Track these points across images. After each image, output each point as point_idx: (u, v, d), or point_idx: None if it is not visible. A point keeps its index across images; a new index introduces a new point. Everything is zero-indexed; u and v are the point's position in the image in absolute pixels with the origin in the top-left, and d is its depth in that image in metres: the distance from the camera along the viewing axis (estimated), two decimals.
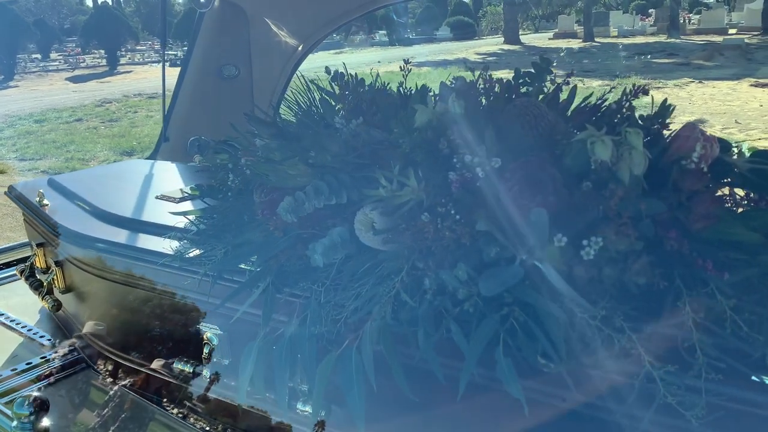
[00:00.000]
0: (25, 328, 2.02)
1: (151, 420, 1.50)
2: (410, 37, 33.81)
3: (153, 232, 1.54)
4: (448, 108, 1.10)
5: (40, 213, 1.78)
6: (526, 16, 35.38)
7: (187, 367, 1.42)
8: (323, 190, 1.09)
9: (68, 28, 39.19)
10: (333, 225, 1.17)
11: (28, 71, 23.82)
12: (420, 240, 1.03)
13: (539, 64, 1.29)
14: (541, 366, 0.91)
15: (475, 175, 0.99)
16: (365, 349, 0.99)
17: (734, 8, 32.02)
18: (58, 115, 13.65)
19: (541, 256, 0.95)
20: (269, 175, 1.25)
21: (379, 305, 1.05)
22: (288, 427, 1.27)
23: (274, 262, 1.21)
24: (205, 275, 1.30)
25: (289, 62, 2.54)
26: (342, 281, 1.15)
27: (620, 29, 28.48)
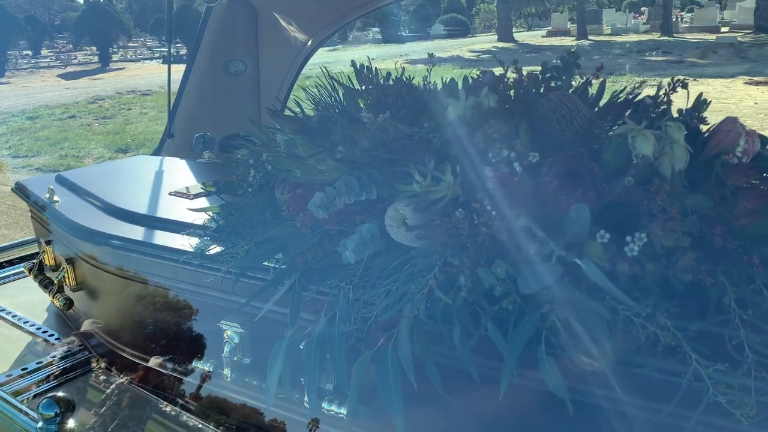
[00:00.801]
0: (33, 326, 1.98)
1: (168, 420, 1.47)
2: (404, 34, 33.77)
3: (169, 228, 1.52)
4: (481, 102, 1.08)
5: (51, 210, 1.75)
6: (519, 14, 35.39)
7: (207, 365, 1.40)
8: (354, 186, 1.07)
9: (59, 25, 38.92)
10: (361, 221, 1.15)
11: (19, 68, 23.63)
12: (454, 236, 1.01)
13: (567, 58, 1.27)
14: (585, 365, 0.90)
15: (513, 170, 0.98)
16: (402, 348, 0.97)
17: (726, 6, 32.19)
18: (50, 112, 13.54)
19: (583, 252, 0.93)
20: (295, 170, 1.22)
21: (411, 303, 1.04)
22: (314, 425, 1.25)
23: (300, 259, 1.18)
24: (228, 273, 1.28)
25: (298, 57, 2.52)
26: (370, 278, 1.13)
27: (613, 27, 28.57)
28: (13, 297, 2.21)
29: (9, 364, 1.78)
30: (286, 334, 1.20)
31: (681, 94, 1.11)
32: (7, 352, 1.85)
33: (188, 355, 1.45)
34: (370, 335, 1.08)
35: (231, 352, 1.35)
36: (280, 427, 1.33)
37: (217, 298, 1.38)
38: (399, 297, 1.06)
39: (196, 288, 1.41)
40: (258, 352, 1.34)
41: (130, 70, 22.73)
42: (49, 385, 1.68)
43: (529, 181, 0.97)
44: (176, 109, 2.64)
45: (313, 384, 1.11)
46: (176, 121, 2.65)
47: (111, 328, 1.68)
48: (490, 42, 27.81)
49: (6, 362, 1.79)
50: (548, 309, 0.93)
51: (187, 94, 2.59)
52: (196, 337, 1.46)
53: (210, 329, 1.39)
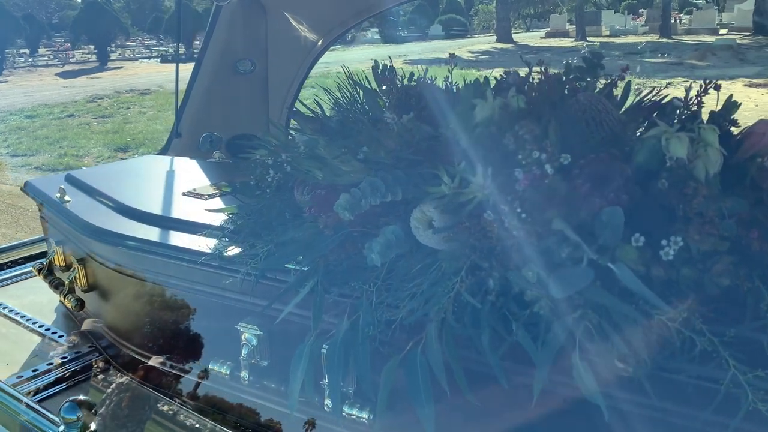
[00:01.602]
0: (42, 327, 1.97)
1: (182, 423, 1.45)
2: (402, 34, 33.77)
3: (184, 229, 1.50)
4: (509, 103, 1.07)
5: (62, 210, 1.73)
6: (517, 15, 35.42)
7: (224, 368, 1.38)
8: (379, 187, 1.06)
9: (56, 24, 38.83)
10: (385, 223, 1.14)
11: (17, 66, 23.55)
12: (483, 239, 0.99)
13: (590, 59, 1.26)
14: (619, 370, 0.88)
15: (544, 172, 0.96)
16: (432, 352, 0.95)
17: (724, 9, 32.26)
18: (49, 111, 13.49)
19: (616, 256, 0.92)
20: (316, 171, 1.21)
21: (438, 307, 1.02)
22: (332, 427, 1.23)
23: (322, 261, 1.17)
24: (247, 274, 1.26)
25: (307, 58, 2.50)
26: (394, 281, 1.12)
27: (612, 28, 28.61)
28: (21, 297, 2.19)
29: (19, 365, 1.77)
30: (306, 336, 1.18)
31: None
32: (16, 353, 1.83)
33: (204, 357, 1.43)
34: (395, 339, 1.07)
35: (249, 354, 1.34)
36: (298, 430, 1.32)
37: (235, 300, 1.37)
38: (425, 300, 1.05)
39: (213, 289, 1.39)
40: (276, 355, 1.33)
41: (129, 69, 22.68)
42: (62, 386, 1.66)
43: (561, 183, 0.96)
44: (183, 109, 2.62)
45: (336, 388, 1.09)
46: (183, 120, 2.63)
47: (123, 330, 1.66)
48: (489, 43, 27.83)
49: (16, 363, 1.78)
50: (581, 314, 0.92)
51: (195, 94, 2.57)
52: (211, 340, 1.44)
53: (227, 331, 1.37)
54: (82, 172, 2.05)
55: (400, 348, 1.07)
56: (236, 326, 1.35)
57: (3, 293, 2.23)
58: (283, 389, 1.31)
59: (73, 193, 1.84)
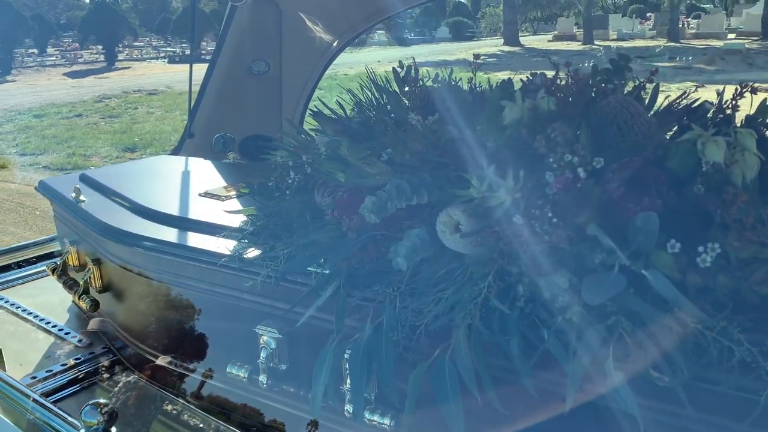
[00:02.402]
0: (55, 327, 1.95)
1: (198, 427, 1.44)
2: (409, 37, 33.78)
3: (201, 230, 1.49)
4: (538, 105, 1.05)
5: (77, 209, 1.72)
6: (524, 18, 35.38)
7: (242, 372, 1.37)
8: (405, 190, 1.04)
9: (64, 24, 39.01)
10: (408, 226, 1.12)
11: (26, 66, 23.65)
12: (513, 244, 0.97)
13: (618, 60, 1.24)
14: (654, 380, 0.86)
15: (576, 175, 0.94)
16: (461, 359, 0.93)
17: (732, 13, 32.14)
18: (57, 111, 13.53)
19: (651, 263, 0.90)
20: (338, 173, 1.19)
21: (464, 312, 1.00)
22: None
23: (344, 264, 1.15)
24: (267, 277, 1.25)
25: (322, 59, 2.49)
26: (418, 285, 1.10)
27: (619, 32, 28.54)
28: (33, 297, 2.18)
29: (32, 366, 1.75)
30: (328, 340, 1.17)
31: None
32: (29, 354, 1.82)
33: (221, 360, 1.42)
34: (419, 344, 1.05)
35: (267, 357, 1.32)
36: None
37: (253, 302, 1.35)
38: (450, 306, 1.03)
39: (231, 291, 1.38)
40: (295, 359, 1.31)
41: (136, 70, 22.74)
42: (76, 388, 1.65)
43: (594, 187, 0.94)
44: (197, 109, 2.61)
45: (359, 393, 1.08)
46: (197, 120, 2.62)
47: (138, 331, 1.65)
48: (496, 46, 27.79)
49: (29, 364, 1.77)
50: (614, 321, 0.90)
51: (208, 94, 2.56)
52: (229, 343, 1.43)
53: (245, 334, 1.36)
54: (96, 171, 2.04)
55: (425, 354, 1.06)
56: (254, 329, 1.33)
57: (16, 292, 2.22)
58: (303, 393, 1.29)
59: (87, 193, 1.83)
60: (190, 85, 2.61)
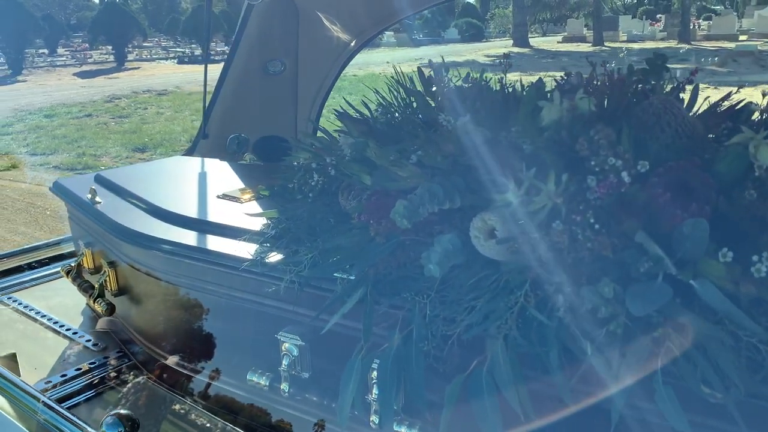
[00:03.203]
0: (69, 331, 1.92)
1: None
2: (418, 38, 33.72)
3: (221, 233, 1.45)
4: (577, 105, 1.00)
5: (93, 211, 1.69)
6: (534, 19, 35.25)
7: (262, 379, 1.33)
8: (437, 194, 1.00)
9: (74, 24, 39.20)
10: (439, 231, 1.08)
11: (36, 66, 23.75)
12: (552, 251, 0.93)
13: (655, 60, 1.20)
14: (706, 396, 0.82)
15: (621, 180, 0.90)
16: (500, 372, 0.89)
17: (743, 15, 31.93)
18: (67, 111, 13.56)
19: (700, 272, 0.85)
20: (364, 176, 1.15)
21: (500, 322, 0.96)
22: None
23: (371, 270, 1.11)
24: (291, 282, 1.21)
25: (339, 59, 2.45)
26: (449, 293, 1.06)
27: (629, 34, 28.39)
28: (47, 299, 2.15)
29: (47, 370, 1.72)
30: (355, 349, 1.13)
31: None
32: (44, 357, 1.79)
33: (241, 367, 1.38)
34: (453, 355, 1.01)
35: (290, 365, 1.28)
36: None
37: (275, 308, 1.31)
38: (484, 315, 0.99)
39: (252, 296, 1.34)
40: (319, 367, 1.27)
41: (146, 70, 22.79)
42: (91, 393, 1.62)
43: (639, 192, 0.90)
44: (211, 109, 2.57)
45: (388, 405, 1.03)
46: (211, 121, 2.59)
47: (155, 336, 1.61)
48: (506, 47, 27.69)
49: (44, 368, 1.73)
50: (661, 333, 0.85)
51: (223, 94, 2.52)
52: (249, 349, 1.39)
53: (266, 341, 1.32)
54: (111, 172, 2.01)
55: (457, 365, 1.02)
56: (276, 336, 1.29)
57: (29, 294, 2.20)
58: (326, 403, 1.26)
59: (103, 194, 1.80)
60: (205, 86, 2.58)
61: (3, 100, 14.93)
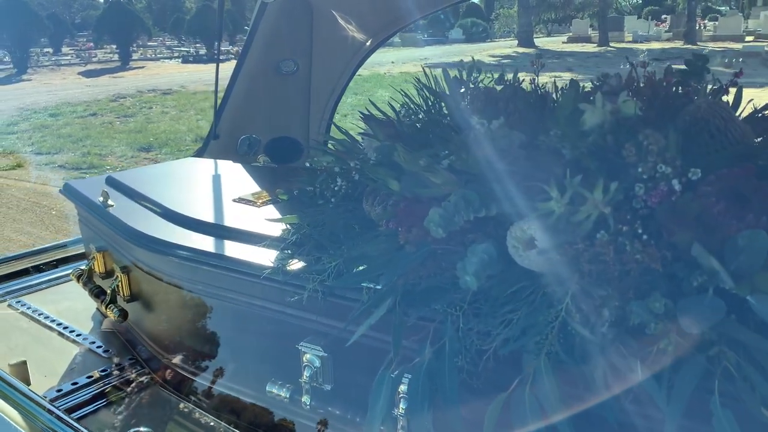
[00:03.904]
0: (79, 336, 1.88)
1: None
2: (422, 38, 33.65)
3: (238, 238, 1.41)
4: (620, 108, 0.95)
5: (106, 215, 1.64)
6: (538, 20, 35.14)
7: (282, 391, 1.28)
8: (473, 201, 0.95)
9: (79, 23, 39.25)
10: (472, 240, 1.03)
11: (41, 65, 23.77)
12: (596, 262, 0.88)
13: (695, 61, 1.15)
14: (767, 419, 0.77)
15: (671, 188, 0.85)
16: (545, 391, 0.84)
17: (749, 16, 31.78)
18: (72, 110, 13.53)
19: (757, 286, 0.80)
20: (393, 181, 1.10)
21: (540, 337, 0.91)
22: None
23: (401, 280, 1.06)
24: (314, 291, 1.16)
25: (353, 59, 2.40)
26: (483, 305, 1.01)
27: (635, 34, 28.27)
28: (56, 303, 2.11)
29: (57, 377, 1.68)
30: (382, 362, 1.08)
31: None
32: (54, 364, 1.74)
33: (260, 378, 1.33)
34: (489, 371, 0.97)
35: (311, 377, 1.23)
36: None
37: (295, 318, 1.26)
38: (522, 329, 0.94)
39: (271, 305, 1.30)
40: (342, 379, 1.23)
41: (150, 69, 22.76)
42: (102, 402, 1.57)
43: (690, 202, 0.85)
44: (222, 110, 2.53)
45: (420, 423, 0.99)
46: (222, 121, 2.54)
47: (169, 344, 1.57)
48: (511, 47, 27.64)
49: (54, 375, 1.69)
50: (717, 352, 0.80)
51: (235, 94, 2.48)
52: (269, 360, 1.34)
53: (286, 351, 1.27)
54: (123, 174, 1.97)
55: (493, 382, 0.97)
56: (297, 346, 1.24)
57: (38, 298, 2.15)
58: (350, 417, 1.21)
59: (115, 197, 1.76)
60: (216, 86, 2.53)
61: (8, 99, 14.92)
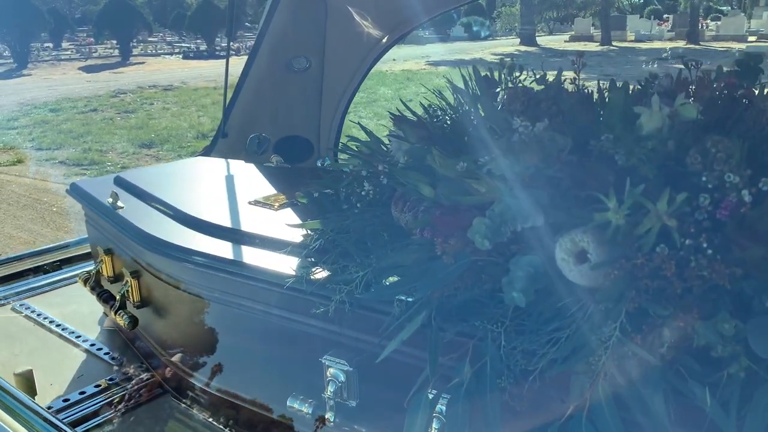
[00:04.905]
0: (86, 342, 1.81)
1: None
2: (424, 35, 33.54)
3: (257, 244, 1.34)
4: (679, 112, 0.89)
5: (115, 217, 1.57)
6: (540, 18, 35.02)
7: (305, 407, 1.21)
8: (521, 210, 0.88)
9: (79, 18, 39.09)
10: (514, 252, 0.96)
11: (41, 60, 23.64)
12: (657, 278, 0.82)
13: (747, 60, 1.08)
14: None
15: (741, 199, 0.78)
16: (604, 421, 0.78)
17: (751, 16, 31.69)
18: (72, 105, 13.44)
19: None
20: (428, 186, 1.04)
21: (592, 358, 0.85)
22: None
23: (438, 293, 1.00)
24: (341, 302, 1.09)
25: (368, 56, 2.33)
26: (527, 322, 0.94)
27: (637, 33, 28.19)
28: (62, 306, 2.04)
29: (64, 386, 1.61)
30: (407, 376, 1.02)
31: None
32: (61, 371, 1.68)
33: (280, 392, 1.26)
34: (534, 392, 0.90)
35: (335, 392, 1.17)
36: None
37: (319, 329, 1.20)
38: (572, 349, 0.87)
39: (292, 315, 1.23)
40: (368, 395, 1.16)
41: (151, 65, 22.64)
42: (110, 413, 1.50)
43: (764, 214, 0.78)
44: (232, 108, 2.46)
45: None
46: (231, 119, 2.47)
47: (181, 353, 1.50)
48: (513, 45, 27.55)
49: (60, 383, 1.63)
50: None
51: (245, 92, 2.40)
52: (289, 373, 1.28)
53: (308, 364, 1.20)
54: (132, 174, 1.90)
55: (538, 405, 0.90)
56: (320, 359, 1.18)
57: (42, 301, 2.09)
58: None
59: (124, 198, 1.69)
60: (226, 83, 2.46)
61: (8, 94, 14.82)
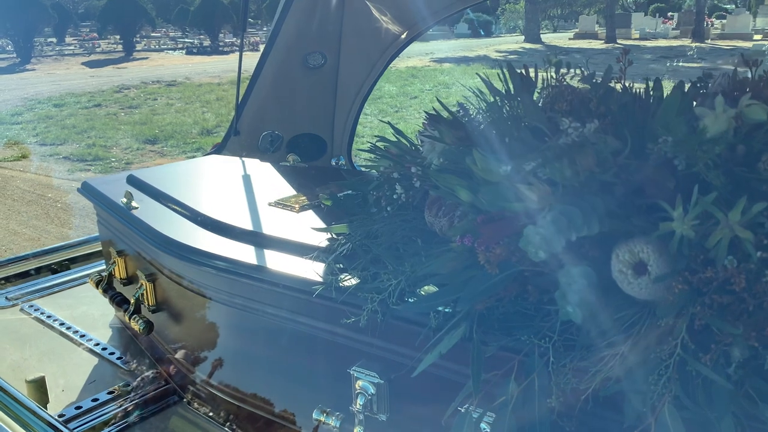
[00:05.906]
0: (98, 346, 1.76)
1: None
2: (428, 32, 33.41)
3: (279, 247, 1.28)
4: (745, 114, 0.83)
5: (130, 217, 1.51)
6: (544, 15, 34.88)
7: (331, 420, 1.16)
8: (576, 219, 0.82)
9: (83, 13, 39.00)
10: (564, 262, 0.90)
11: (44, 55, 23.58)
12: (724, 293, 0.76)
13: None
14: None
15: None
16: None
17: (756, 14, 31.53)
18: (76, 100, 13.38)
19: None
20: (465, 190, 0.98)
21: (652, 376, 0.79)
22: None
23: (480, 305, 0.94)
24: (373, 312, 1.04)
25: (386, 53, 2.27)
26: (577, 336, 0.88)
27: (642, 31, 28.05)
28: (72, 308, 1.99)
29: (76, 392, 1.56)
30: (442, 389, 0.97)
31: None
32: (73, 377, 1.62)
33: (305, 404, 1.21)
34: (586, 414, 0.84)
35: (365, 405, 1.11)
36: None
37: (347, 339, 1.14)
38: (627, 367, 0.82)
39: (318, 323, 1.17)
40: (399, 408, 1.10)
41: (154, 60, 22.56)
42: (126, 421, 1.45)
43: None
44: (244, 105, 2.39)
45: None
46: (243, 117, 2.41)
47: (198, 360, 1.44)
48: (517, 43, 27.44)
49: (72, 389, 1.57)
50: None
51: (258, 89, 2.34)
52: (315, 384, 1.22)
53: (335, 375, 1.15)
54: (146, 172, 1.84)
55: (590, 426, 0.85)
56: (348, 371, 1.12)
57: (51, 302, 2.03)
58: None
59: (138, 198, 1.63)
60: (239, 79, 2.40)
61: (12, 89, 14.77)
